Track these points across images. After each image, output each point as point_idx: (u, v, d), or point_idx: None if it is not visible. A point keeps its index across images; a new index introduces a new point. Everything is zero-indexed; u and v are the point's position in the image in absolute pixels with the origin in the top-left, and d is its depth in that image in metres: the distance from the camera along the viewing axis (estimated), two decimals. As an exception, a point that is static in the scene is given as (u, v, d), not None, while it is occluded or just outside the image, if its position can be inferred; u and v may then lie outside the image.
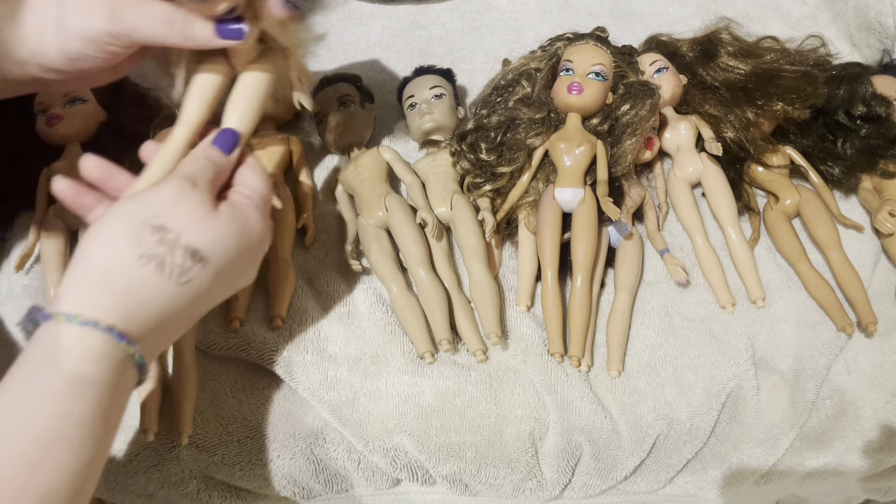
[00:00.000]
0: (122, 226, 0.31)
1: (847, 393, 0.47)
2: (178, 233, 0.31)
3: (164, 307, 0.31)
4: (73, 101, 0.52)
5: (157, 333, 0.32)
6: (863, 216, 0.54)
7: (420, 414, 0.44)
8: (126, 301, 0.30)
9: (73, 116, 0.52)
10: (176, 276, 0.31)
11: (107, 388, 0.29)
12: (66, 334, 0.29)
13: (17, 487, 0.25)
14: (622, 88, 0.51)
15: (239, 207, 0.35)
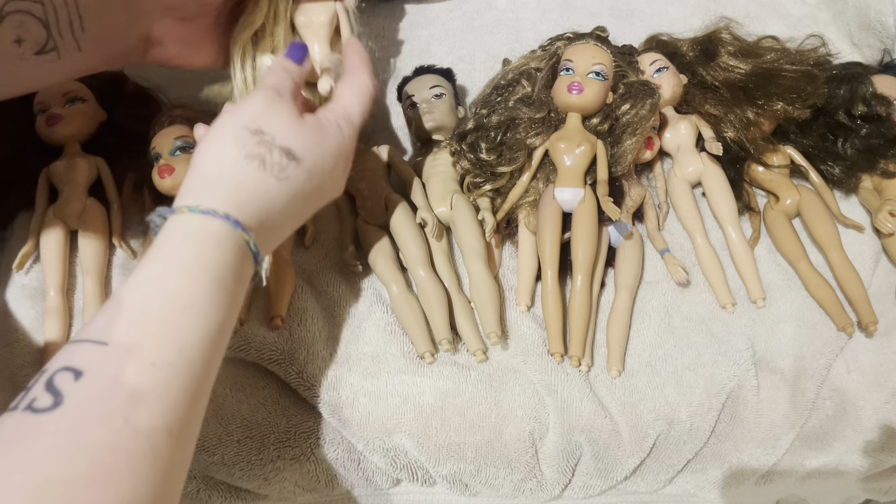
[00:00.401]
0: (228, 132, 0.35)
1: (847, 393, 0.47)
2: (274, 135, 0.35)
3: (269, 201, 0.35)
4: (72, 101, 0.52)
5: (265, 227, 0.35)
6: (863, 216, 0.54)
7: (420, 414, 0.44)
8: (237, 194, 0.34)
9: (73, 116, 0.52)
10: (276, 173, 0.35)
11: (228, 268, 0.32)
12: (190, 222, 0.33)
13: (158, 341, 0.29)
14: (622, 88, 0.51)
15: (321, 120, 0.38)
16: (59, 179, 0.50)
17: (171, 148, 0.50)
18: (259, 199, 0.35)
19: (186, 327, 0.30)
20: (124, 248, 0.50)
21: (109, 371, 0.28)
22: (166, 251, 0.32)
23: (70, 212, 0.49)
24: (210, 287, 0.31)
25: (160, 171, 0.49)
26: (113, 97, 0.55)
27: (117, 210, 0.51)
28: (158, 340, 0.29)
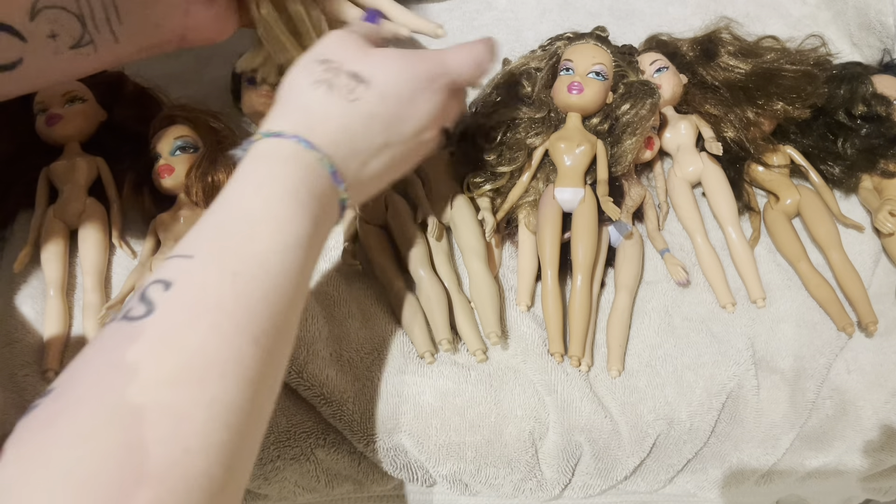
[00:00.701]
0: (299, 65, 0.37)
1: (847, 393, 0.47)
2: (342, 61, 0.36)
3: (342, 123, 0.35)
4: (72, 101, 0.52)
5: (344, 149, 0.35)
6: (863, 216, 0.54)
7: (420, 414, 0.44)
8: (306, 116, 0.35)
9: (73, 116, 0.52)
10: (345, 94, 0.35)
11: (302, 184, 0.33)
12: (262, 146, 0.34)
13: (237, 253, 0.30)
14: (622, 88, 0.51)
15: (403, 52, 0.38)
16: (59, 179, 0.50)
17: (171, 148, 0.50)
18: (330, 120, 0.35)
19: (264, 238, 0.31)
20: (124, 248, 0.50)
21: (196, 281, 0.29)
22: (241, 174, 0.33)
23: (70, 212, 0.49)
24: (283, 201, 0.32)
25: (160, 171, 0.49)
26: (113, 97, 0.55)
27: (117, 210, 0.51)
28: (238, 252, 0.30)
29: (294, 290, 0.32)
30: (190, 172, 0.49)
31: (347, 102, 0.35)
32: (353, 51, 0.37)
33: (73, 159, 0.51)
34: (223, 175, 0.50)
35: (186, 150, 0.50)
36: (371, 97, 0.36)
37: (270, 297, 0.30)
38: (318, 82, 0.35)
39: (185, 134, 0.51)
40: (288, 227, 0.32)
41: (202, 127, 0.52)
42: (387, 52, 0.37)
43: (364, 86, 0.35)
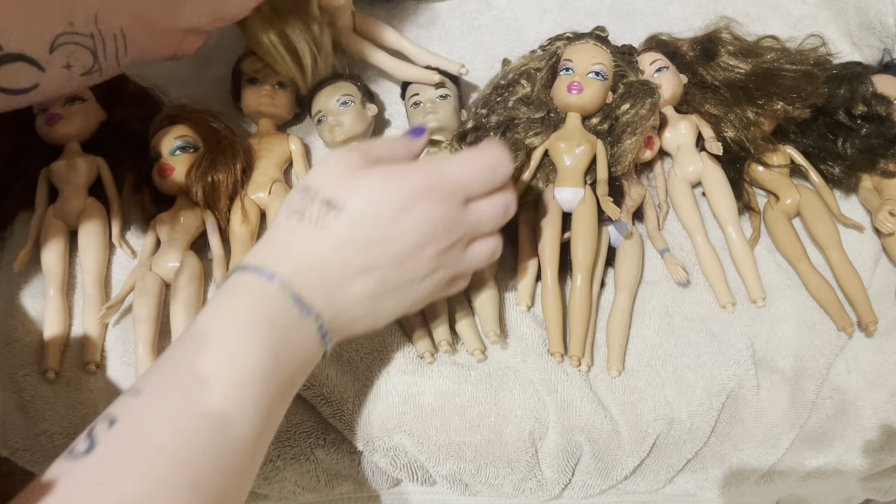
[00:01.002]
0: (287, 196, 0.37)
1: (847, 392, 0.47)
2: (319, 188, 0.35)
3: (308, 251, 0.34)
4: (72, 101, 0.52)
5: (315, 279, 0.34)
6: (863, 216, 0.54)
7: (420, 414, 0.44)
8: (274, 248, 0.35)
9: (73, 116, 0.52)
10: (314, 223, 0.34)
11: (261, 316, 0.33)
12: (231, 281, 0.35)
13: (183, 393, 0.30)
14: (622, 88, 0.51)
15: (392, 169, 0.36)
16: (58, 179, 0.50)
17: (170, 147, 0.50)
18: (296, 249, 0.35)
19: (213, 374, 0.31)
20: (124, 248, 0.50)
21: (138, 419, 0.29)
22: (205, 309, 0.34)
23: (70, 211, 0.49)
24: (239, 334, 0.32)
25: (160, 171, 0.49)
26: (113, 97, 0.55)
27: (117, 210, 0.51)
28: (184, 390, 0.30)
29: (248, 428, 0.31)
30: (190, 172, 0.49)
31: (316, 231, 0.34)
32: (337, 175, 0.35)
33: (73, 159, 0.51)
34: (223, 175, 0.50)
35: (186, 150, 0.50)
36: (342, 223, 0.34)
37: (215, 438, 0.29)
38: (291, 213, 0.35)
39: (185, 134, 0.51)
40: (241, 361, 0.31)
41: (202, 127, 0.52)
42: (372, 173, 0.35)
43: (335, 212, 0.34)
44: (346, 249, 0.35)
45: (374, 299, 0.36)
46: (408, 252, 0.35)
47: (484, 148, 0.38)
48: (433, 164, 0.36)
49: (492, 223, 0.38)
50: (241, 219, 0.50)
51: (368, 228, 0.35)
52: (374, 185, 0.35)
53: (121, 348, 0.46)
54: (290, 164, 0.55)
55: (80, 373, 0.45)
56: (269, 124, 0.56)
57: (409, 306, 0.38)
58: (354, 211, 0.34)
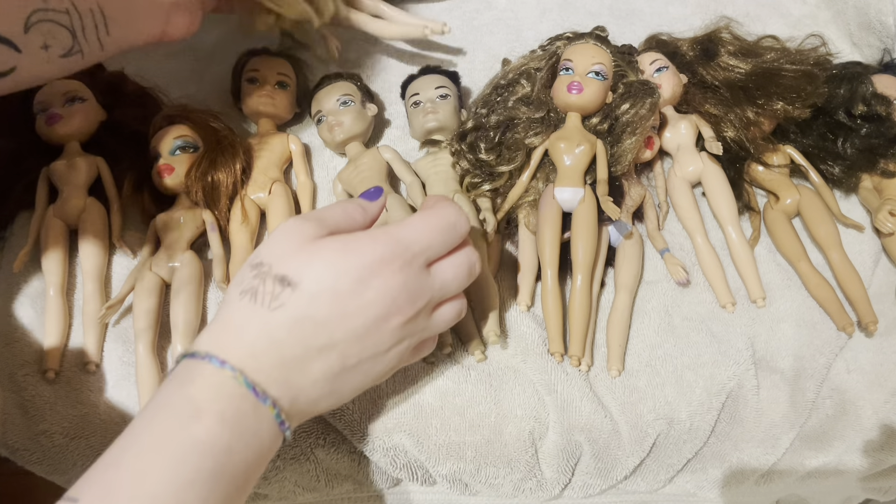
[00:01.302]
0: (238, 275, 0.35)
1: (847, 392, 0.47)
2: (272, 263, 0.33)
3: (262, 333, 0.32)
4: (72, 101, 0.52)
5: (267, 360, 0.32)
6: (863, 215, 0.54)
7: (420, 413, 0.44)
8: (225, 331, 0.33)
9: (73, 115, 0.52)
10: (268, 302, 0.32)
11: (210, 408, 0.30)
12: (178, 369, 0.32)
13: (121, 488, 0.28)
14: (622, 88, 0.51)
15: (348, 239, 0.34)
16: (58, 179, 0.50)
17: (170, 147, 0.50)
18: (249, 332, 0.32)
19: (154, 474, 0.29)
20: (124, 248, 0.50)
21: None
22: (151, 401, 0.32)
23: (70, 211, 0.49)
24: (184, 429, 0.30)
25: (160, 171, 0.49)
26: (113, 97, 0.55)
27: (117, 210, 0.51)
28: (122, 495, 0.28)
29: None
30: (190, 172, 0.49)
31: (270, 311, 0.32)
32: (290, 249, 0.33)
33: (73, 159, 0.51)
34: (223, 175, 0.50)
35: (186, 150, 0.50)
36: (298, 300, 0.32)
37: None
38: (244, 292, 0.33)
39: (185, 133, 0.51)
40: (188, 459, 0.29)
41: (202, 127, 0.52)
42: (327, 244, 0.34)
43: (290, 289, 0.32)
44: (304, 328, 0.33)
45: (336, 378, 0.34)
46: (369, 326, 0.34)
47: (438, 207, 0.37)
48: (390, 230, 0.35)
49: (456, 284, 0.37)
50: (242, 219, 0.50)
51: (326, 304, 0.33)
52: (330, 257, 0.33)
53: (121, 348, 0.46)
54: (290, 163, 0.55)
55: (80, 373, 0.45)
56: (269, 124, 0.56)
57: (374, 380, 0.37)
58: (310, 286, 0.32)
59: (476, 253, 0.38)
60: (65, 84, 0.53)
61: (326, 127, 0.53)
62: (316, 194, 0.55)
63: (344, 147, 0.54)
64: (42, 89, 0.52)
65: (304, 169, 0.54)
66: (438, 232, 0.36)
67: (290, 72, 0.58)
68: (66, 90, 0.52)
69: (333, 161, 0.57)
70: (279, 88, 0.56)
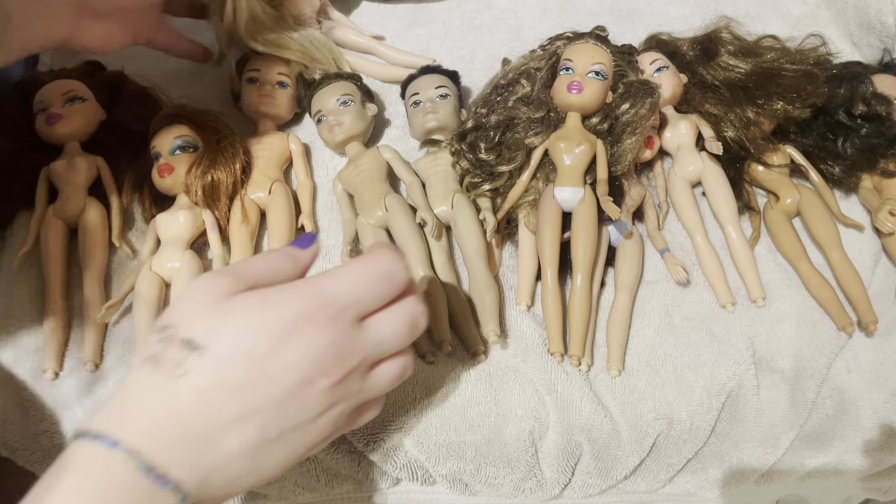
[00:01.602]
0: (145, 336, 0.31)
1: (847, 392, 0.47)
2: (179, 325, 0.29)
3: (164, 406, 0.28)
4: (72, 101, 0.52)
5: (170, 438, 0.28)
6: (863, 215, 0.54)
7: (420, 413, 0.44)
8: (122, 406, 0.29)
9: (72, 115, 0.52)
10: (171, 370, 0.28)
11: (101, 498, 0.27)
12: (70, 451, 0.29)
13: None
14: (622, 87, 0.51)
15: (267, 294, 0.30)
16: (58, 179, 0.50)
17: (170, 147, 0.50)
18: (148, 406, 0.29)
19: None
20: (124, 248, 0.50)
21: None
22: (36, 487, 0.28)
23: (70, 211, 0.49)
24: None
25: (160, 171, 0.49)
26: (113, 97, 0.55)
27: (117, 209, 0.51)
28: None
29: None
30: (190, 171, 0.49)
31: (172, 381, 0.28)
32: (200, 308, 0.30)
33: (73, 159, 0.51)
34: (223, 174, 0.50)
35: (186, 150, 0.50)
36: (205, 366, 0.28)
37: None
38: (146, 360, 0.29)
39: (185, 133, 0.51)
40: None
41: (202, 126, 0.52)
42: (242, 301, 0.30)
43: (197, 354, 0.28)
44: (213, 398, 0.28)
45: (256, 452, 0.30)
46: (291, 391, 0.30)
47: (373, 254, 0.33)
48: (314, 282, 0.31)
49: (396, 339, 0.33)
50: (241, 219, 0.50)
51: (239, 369, 0.29)
52: (244, 316, 0.29)
53: (120, 348, 0.46)
54: (290, 163, 0.55)
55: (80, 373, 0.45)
56: (270, 124, 0.56)
57: (304, 452, 0.32)
58: (220, 350, 0.29)
59: (421, 305, 0.34)
60: (65, 84, 0.53)
61: (326, 127, 0.53)
62: (316, 194, 0.55)
63: (344, 147, 0.54)
64: (42, 89, 0.52)
65: (304, 169, 0.54)
66: (371, 282, 0.32)
67: (290, 72, 0.58)
68: (66, 90, 0.52)
69: (333, 161, 0.57)
70: (279, 88, 0.56)
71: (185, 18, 0.63)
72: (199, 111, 0.53)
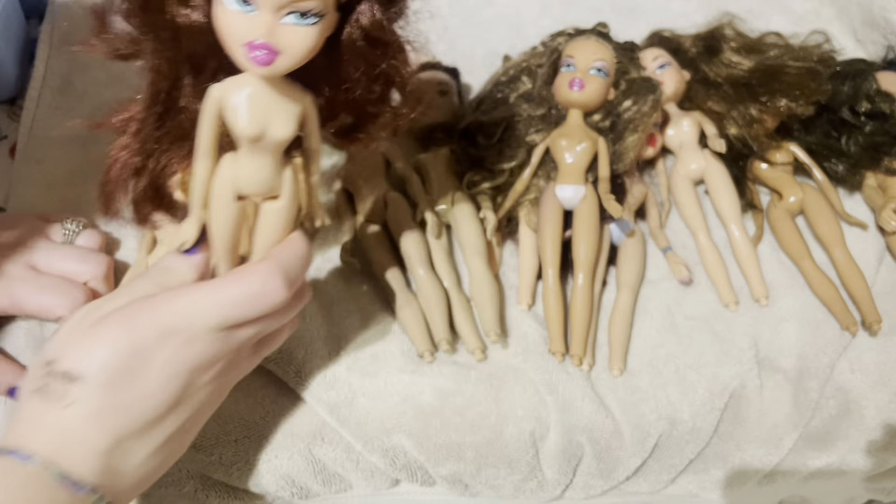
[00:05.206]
0: (29, 371, 0.32)
1: (851, 392, 0.47)
2: (58, 358, 0.31)
3: (62, 430, 0.30)
4: None
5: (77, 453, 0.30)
6: (867, 214, 0.54)
7: (419, 413, 0.43)
8: (24, 426, 0.30)
9: None
10: (57, 401, 0.30)
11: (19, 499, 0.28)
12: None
13: None
14: (624, 84, 0.50)
15: (119, 316, 0.31)
16: None
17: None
18: (48, 429, 0.30)
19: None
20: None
21: None
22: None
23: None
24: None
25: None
26: None
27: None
28: None
29: None
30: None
31: (62, 409, 0.30)
32: (74, 339, 0.31)
33: None
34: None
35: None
36: (89, 394, 0.30)
37: None
38: (33, 392, 0.31)
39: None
40: None
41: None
42: (106, 325, 0.31)
43: (78, 383, 0.30)
44: (106, 418, 0.30)
45: (165, 447, 0.33)
46: (178, 395, 0.32)
47: (248, 272, 0.33)
48: (179, 298, 0.32)
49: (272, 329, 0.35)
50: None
51: (125, 388, 0.30)
52: (110, 338, 0.31)
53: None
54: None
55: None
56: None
57: (206, 418, 0.35)
58: (100, 374, 0.30)
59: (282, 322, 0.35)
60: None
61: (325, 124, 0.53)
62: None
63: (343, 144, 0.54)
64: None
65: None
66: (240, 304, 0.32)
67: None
68: None
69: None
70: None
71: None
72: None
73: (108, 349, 0.31)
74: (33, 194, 0.52)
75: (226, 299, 0.32)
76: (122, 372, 0.30)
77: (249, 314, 0.32)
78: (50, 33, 0.61)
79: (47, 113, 0.57)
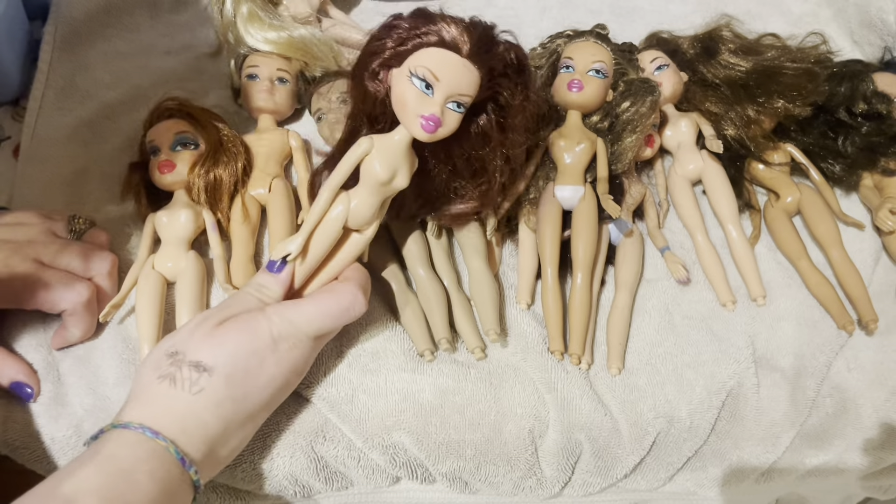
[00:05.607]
0: (149, 360, 0.38)
1: (847, 391, 0.47)
2: (185, 352, 0.37)
3: (188, 413, 0.35)
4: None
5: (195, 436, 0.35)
6: (863, 214, 0.54)
7: (419, 411, 0.44)
8: (152, 408, 0.36)
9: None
10: (188, 387, 0.36)
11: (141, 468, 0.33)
12: (109, 435, 0.35)
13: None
14: (622, 86, 0.51)
15: (241, 323, 0.38)
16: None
17: (171, 142, 0.49)
18: (175, 411, 0.35)
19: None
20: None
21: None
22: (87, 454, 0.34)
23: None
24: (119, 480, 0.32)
25: (160, 167, 0.49)
26: None
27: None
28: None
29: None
30: (193, 169, 0.49)
31: (192, 395, 0.36)
32: (199, 336, 0.37)
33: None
34: (225, 173, 0.50)
35: (187, 147, 0.50)
36: (215, 384, 0.36)
37: None
38: (161, 377, 0.36)
39: (185, 129, 0.50)
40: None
41: (202, 123, 0.51)
42: (229, 329, 0.37)
43: (207, 374, 0.36)
44: (224, 407, 0.36)
45: (248, 437, 0.40)
46: (275, 395, 0.39)
47: (339, 290, 0.40)
48: (288, 310, 0.39)
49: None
50: (242, 217, 0.49)
51: (240, 383, 0.37)
52: (235, 341, 0.37)
53: (121, 346, 0.46)
54: (290, 159, 0.55)
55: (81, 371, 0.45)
56: (270, 120, 0.56)
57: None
58: (226, 369, 0.36)
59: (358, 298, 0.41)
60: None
61: (327, 125, 0.53)
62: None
63: (344, 145, 0.54)
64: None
65: (304, 165, 0.54)
66: (329, 318, 0.40)
67: (290, 68, 0.57)
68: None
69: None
70: (279, 84, 0.56)
71: (186, 15, 0.63)
72: (198, 108, 0.53)
73: (232, 348, 0.37)
74: (37, 194, 0.52)
75: (325, 311, 0.39)
76: (241, 369, 0.37)
77: (340, 324, 0.41)
78: (53, 35, 0.61)
79: (50, 114, 0.57)
